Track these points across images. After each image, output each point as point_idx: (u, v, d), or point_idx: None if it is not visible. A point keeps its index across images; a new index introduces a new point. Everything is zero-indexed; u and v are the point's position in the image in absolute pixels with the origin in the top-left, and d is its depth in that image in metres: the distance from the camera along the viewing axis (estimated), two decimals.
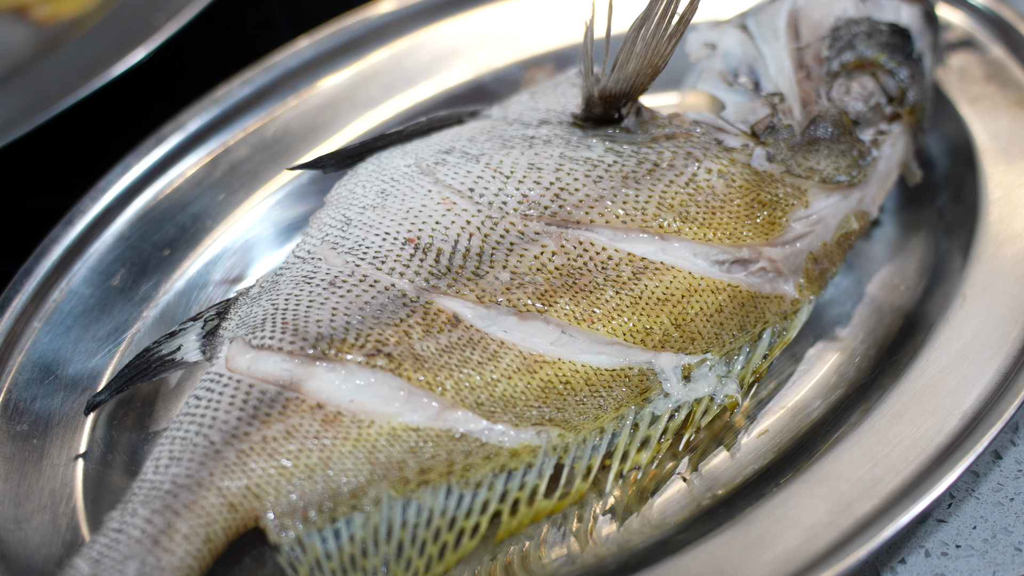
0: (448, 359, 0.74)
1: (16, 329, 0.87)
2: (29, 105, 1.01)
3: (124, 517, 0.70)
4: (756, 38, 0.90)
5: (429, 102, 1.01)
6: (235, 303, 0.80)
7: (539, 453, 0.72)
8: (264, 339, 0.75)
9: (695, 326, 0.78)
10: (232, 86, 1.02)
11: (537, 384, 0.74)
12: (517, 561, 0.71)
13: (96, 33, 1.08)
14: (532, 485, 0.72)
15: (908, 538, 0.73)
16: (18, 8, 1.18)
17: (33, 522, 0.77)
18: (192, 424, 0.73)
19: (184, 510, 0.69)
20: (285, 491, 0.70)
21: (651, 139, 0.83)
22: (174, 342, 0.79)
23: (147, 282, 0.92)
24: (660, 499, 0.75)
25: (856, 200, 0.85)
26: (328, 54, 1.04)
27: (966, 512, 0.73)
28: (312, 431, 0.72)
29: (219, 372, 0.75)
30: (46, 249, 0.92)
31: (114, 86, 1.01)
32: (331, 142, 1.00)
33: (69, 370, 0.86)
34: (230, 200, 0.97)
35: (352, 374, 0.74)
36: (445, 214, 0.80)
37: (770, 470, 0.75)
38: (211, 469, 0.71)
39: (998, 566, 0.71)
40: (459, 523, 0.71)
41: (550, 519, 0.73)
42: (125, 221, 0.95)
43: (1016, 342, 0.76)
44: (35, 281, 0.90)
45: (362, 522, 0.70)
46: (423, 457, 0.72)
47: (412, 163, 0.85)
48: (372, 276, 0.78)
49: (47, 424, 0.82)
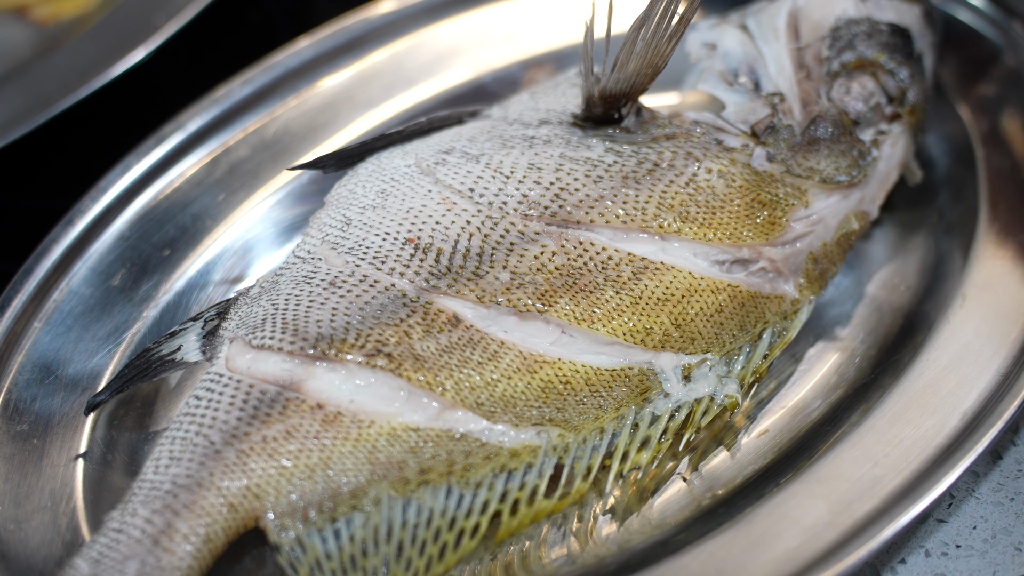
0: (448, 359, 0.74)
1: (16, 329, 0.87)
2: (29, 105, 1.01)
3: (124, 517, 0.70)
4: (756, 38, 0.90)
5: (429, 102, 1.01)
6: (235, 303, 0.80)
7: (539, 453, 0.72)
8: (264, 339, 0.75)
9: (695, 326, 0.78)
10: (232, 86, 1.02)
11: (537, 384, 0.74)
12: (517, 561, 0.71)
13: (96, 33, 1.08)
14: (532, 485, 0.72)
15: (908, 538, 0.73)
16: (18, 8, 1.18)
17: (33, 522, 0.77)
18: (192, 424, 0.73)
19: (184, 510, 0.69)
20: (285, 491, 0.70)
21: (651, 139, 0.83)
22: (174, 342, 0.79)
23: (147, 282, 0.92)
24: (660, 499, 0.75)
25: (856, 200, 0.85)
26: (328, 54, 1.04)
27: (966, 512, 0.73)
28: (312, 431, 0.72)
29: (219, 372, 0.75)
30: (46, 249, 0.92)
31: (114, 86, 1.01)
32: (331, 142, 1.00)
33: (69, 370, 0.86)
34: (230, 200, 0.97)
35: (352, 374, 0.74)
36: (445, 214, 0.80)
37: (770, 470, 0.75)
38: (211, 469, 0.71)
39: (998, 566, 0.71)
40: (459, 523, 0.71)
41: (550, 519, 0.73)
42: (125, 221, 0.95)
43: (1016, 342, 0.76)
44: (35, 281, 0.90)
45: (362, 522, 0.70)
46: (423, 457, 0.72)
47: (412, 163, 0.85)
48: (372, 276, 0.78)
49: (47, 424, 0.82)
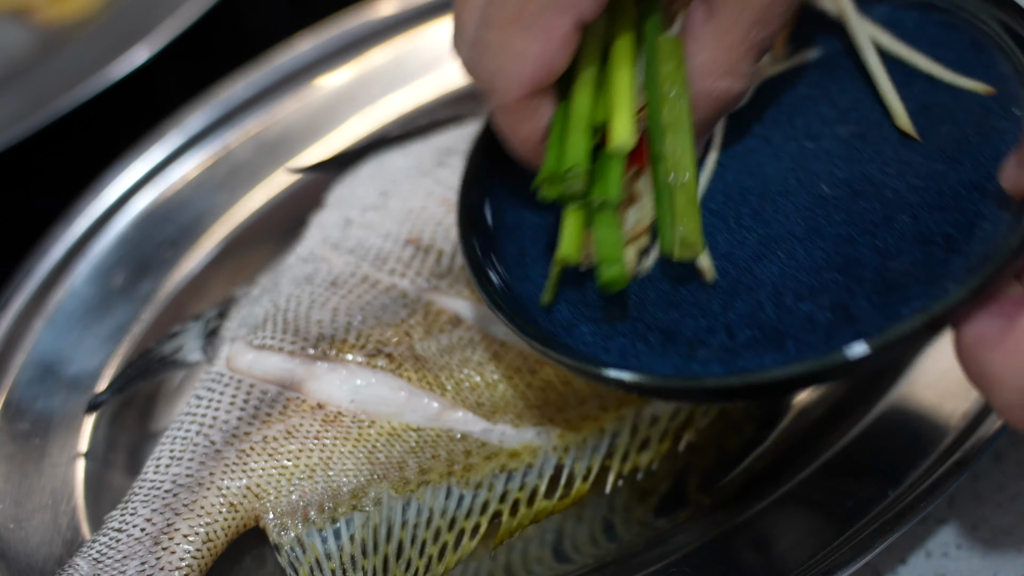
0: (449, 359, 0.74)
1: (18, 329, 0.87)
2: (30, 106, 1.01)
3: (124, 516, 0.70)
4: None
5: (430, 102, 1.01)
6: (236, 303, 0.80)
7: (539, 454, 0.72)
8: (265, 339, 0.75)
9: None
10: (233, 86, 1.02)
11: (538, 384, 0.74)
12: (517, 561, 0.71)
13: (98, 35, 1.09)
14: (532, 486, 0.72)
15: (908, 538, 0.73)
16: (20, 10, 1.18)
17: (34, 521, 0.77)
18: (193, 424, 0.73)
19: (184, 509, 0.69)
20: (285, 491, 0.70)
21: None
22: (175, 342, 0.79)
23: (148, 282, 0.92)
24: (660, 500, 0.75)
25: None
26: (328, 54, 1.04)
27: (967, 512, 0.73)
28: (313, 431, 0.72)
29: (220, 372, 0.75)
30: (47, 249, 0.92)
31: (115, 87, 1.01)
32: (332, 142, 1.00)
33: (70, 370, 0.86)
34: (231, 200, 0.97)
35: (353, 374, 0.74)
36: (447, 215, 0.80)
37: (771, 471, 0.75)
38: (211, 469, 0.71)
39: (999, 567, 0.71)
40: (459, 523, 0.71)
41: (550, 519, 0.73)
42: (126, 221, 0.95)
43: None
44: (36, 281, 0.90)
45: (362, 522, 0.70)
46: (423, 457, 0.72)
47: (413, 164, 0.85)
48: (373, 276, 0.78)
49: (48, 423, 0.82)
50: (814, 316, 0.60)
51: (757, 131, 0.70)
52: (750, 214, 0.67)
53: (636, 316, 0.64)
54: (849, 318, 0.59)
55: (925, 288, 0.59)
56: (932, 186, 0.63)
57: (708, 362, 0.60)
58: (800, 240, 0.64)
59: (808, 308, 0.60)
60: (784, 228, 0.65)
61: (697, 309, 0.63)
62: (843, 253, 0.62)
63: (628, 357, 0.62)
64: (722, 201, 0.68)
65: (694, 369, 0.60)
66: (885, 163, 0.65)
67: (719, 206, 0.68)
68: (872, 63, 0.69)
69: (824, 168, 0.67)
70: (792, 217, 0.65)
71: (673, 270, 0.65)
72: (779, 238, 0.65)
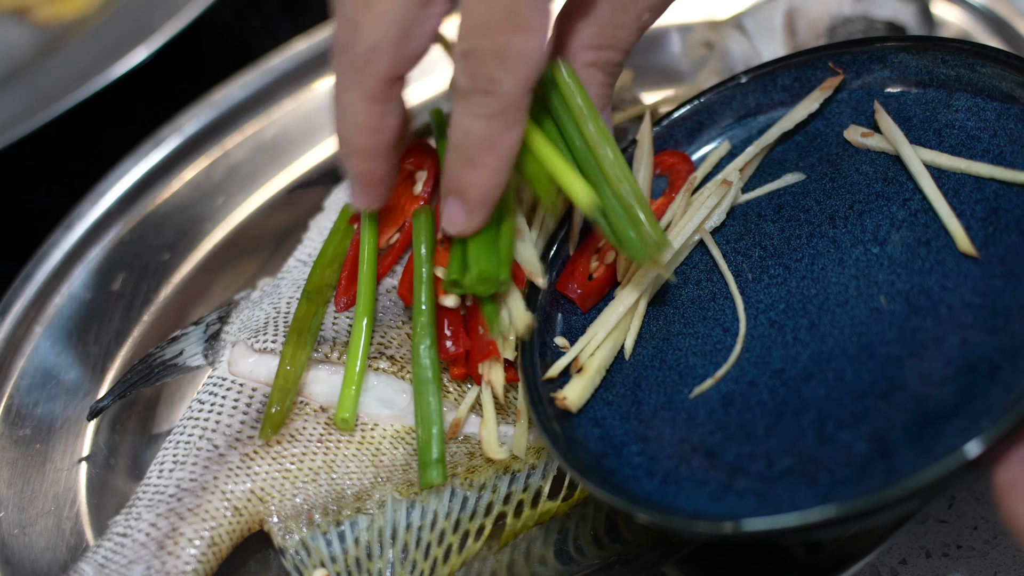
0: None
1: (18, 334, 0.87)
2: (30, 106, 1.01)
3: (128, 521, 0.70)
4: (753, 37, 0.90)
5: (429, 102, 1.01)
6: (237, 307, 0.80)
7: (543, 455, 0.73)
8: (267, 343, 0.75)
9: None
10: (230, 89, 1.02)
11: None
12: (521, 562, 0.71)
13: (97, 35, 1.09)
14: (536, 487, 0.72)
15: (908, 538, 0.73)
16: (20, 9, 1.18)
17: (37, 527, 0.77)
18: (196, 428, 0.73)
19: (189, 514, 0.69)
20: (290, 494, 0.71)
21: None
22: (176, 347, 0.79)
23: (147, 286, 0.92)
24: None
25: None
26: (326, 56, 1.04)
27: (967, 513, 0.74)
28: (316, 434, 0.72)
29: (222, 376, 0.75)
30: (46, 253, 0.92)
31: (114, 87, 1.01)
32: (329, 145, 1.00)
33: (71, 375, 0.86)
34: (229, 204, 0.97)
35: None
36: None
37: None
38: (215, 473, 0.71)
39: (999, 567, 0.71)
40: (464, 525, 0.71)
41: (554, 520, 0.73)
42: (125, 225, 0.95)
43: None
44: (36, 286, 0.90)
45: (367, 525, 0.70)
46: None
47: None
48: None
49: (50, 428, 0.82)
50: (851, 447, 0.59)
51: (827, 232, 0.69)
52: (807, 326, 0.66)
53: (684, 437, 0.64)
54: (884, 451, 0.58)
55: (963, 424, 0.57)
56: (987, 304, 0.61)
57: (744, 494, 0.60)
58: (851, 359, 0.63)
59: (847, 437, 0.60)
60: (837, 344, 0.64)
61: (742, 433, 0.63)
62: (889, 376, 0.61)
63: (669, 484, 0.62)
64: (783, 310, 0.67)
65: (730, 501, 0.59)
66: (945, 275, 0.64)
67: (779, 316, 0.67)
68: (928, 190, 0.67)
69: (886, 278, 0.65)
70: (847, 332, 0.64)
71: (727, 387, 0.65)
72: (831, 355, 0.64)
